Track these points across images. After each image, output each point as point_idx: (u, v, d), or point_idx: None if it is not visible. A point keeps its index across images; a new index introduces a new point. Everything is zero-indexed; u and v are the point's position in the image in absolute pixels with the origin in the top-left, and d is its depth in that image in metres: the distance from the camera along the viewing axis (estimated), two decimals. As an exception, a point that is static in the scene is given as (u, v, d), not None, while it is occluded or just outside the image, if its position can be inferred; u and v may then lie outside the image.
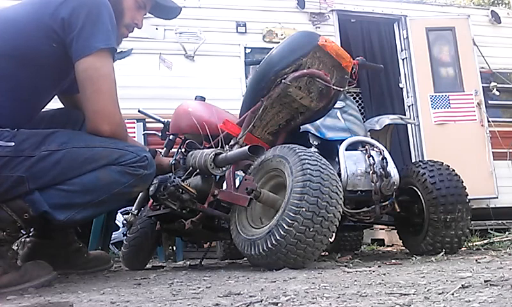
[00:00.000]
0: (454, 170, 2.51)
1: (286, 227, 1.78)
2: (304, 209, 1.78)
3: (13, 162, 1.58)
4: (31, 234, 2.02)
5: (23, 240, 2.03)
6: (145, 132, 4.35)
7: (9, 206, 1.61)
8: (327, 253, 3.22)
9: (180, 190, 2.10)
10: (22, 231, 1.72)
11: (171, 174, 2.23)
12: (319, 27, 5.38)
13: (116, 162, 1.69)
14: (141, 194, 2.61)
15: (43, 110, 1.97)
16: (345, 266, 2.02)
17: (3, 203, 1.61)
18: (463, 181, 2.47)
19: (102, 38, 1.69)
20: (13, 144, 1.60)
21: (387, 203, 2.38)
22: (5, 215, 1.60)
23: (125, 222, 3.01)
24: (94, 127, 1.72)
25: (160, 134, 3.09)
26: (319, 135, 2.58)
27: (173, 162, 2.32)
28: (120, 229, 4.13)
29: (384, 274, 1.60)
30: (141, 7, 2.00)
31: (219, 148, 2.16)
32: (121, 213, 3.86)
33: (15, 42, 1.68)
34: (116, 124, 1.74)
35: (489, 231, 3.81)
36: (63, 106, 2.15)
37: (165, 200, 2.14)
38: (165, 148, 2.91)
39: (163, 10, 2.12)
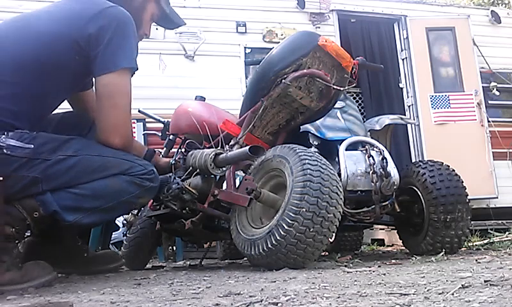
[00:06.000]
0: (454, 170, 2.51)
1: (286, 227, 1.78)
2: (304, 209, 1.78)
3: (30, 163, 1.66)
4: (31, 234, 2.03)
5: (23, 240, 2.04)
6: (145, 132, 4.34)
7: (20, 204, 1.68)
8: (327, 253, 3.22)
9: (183, 191, 2.11)
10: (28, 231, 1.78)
11: (170, 174, 2.23)
12: (319, 27, 5.37)
13: (126, 172, 1.77)
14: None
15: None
16: (345, 266, 2.02)
17: (15, 200, 1.67)
18: (463, 181, 2.47)
19: (126, 57, 1.79)
20: (32, 146, 1.67)
21: (387, 203, 2.38)
22: (16, 212, 1.67)
23: (125, 222, 3.01)
24: (106, 138, 1.80)
25: (160, 134, 3.08)
26: (319, 135, 2.57)
27: (173, 162, 2.32)
28: (120, 229, 4.11)
29: (384, 274, 1.60)
30: (153, 19, 2.10)
31: (219, 148, 2.16)
32: (121, 213, 3.85)
33: (36, 52, 1.74)
34: (126, 137, 1.84)
35: (489, 231, 3.81)
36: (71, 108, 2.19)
37: (168, 201, 2.15)
38: (165, 148, 2.90)
39: (167, 21, 2.21)
